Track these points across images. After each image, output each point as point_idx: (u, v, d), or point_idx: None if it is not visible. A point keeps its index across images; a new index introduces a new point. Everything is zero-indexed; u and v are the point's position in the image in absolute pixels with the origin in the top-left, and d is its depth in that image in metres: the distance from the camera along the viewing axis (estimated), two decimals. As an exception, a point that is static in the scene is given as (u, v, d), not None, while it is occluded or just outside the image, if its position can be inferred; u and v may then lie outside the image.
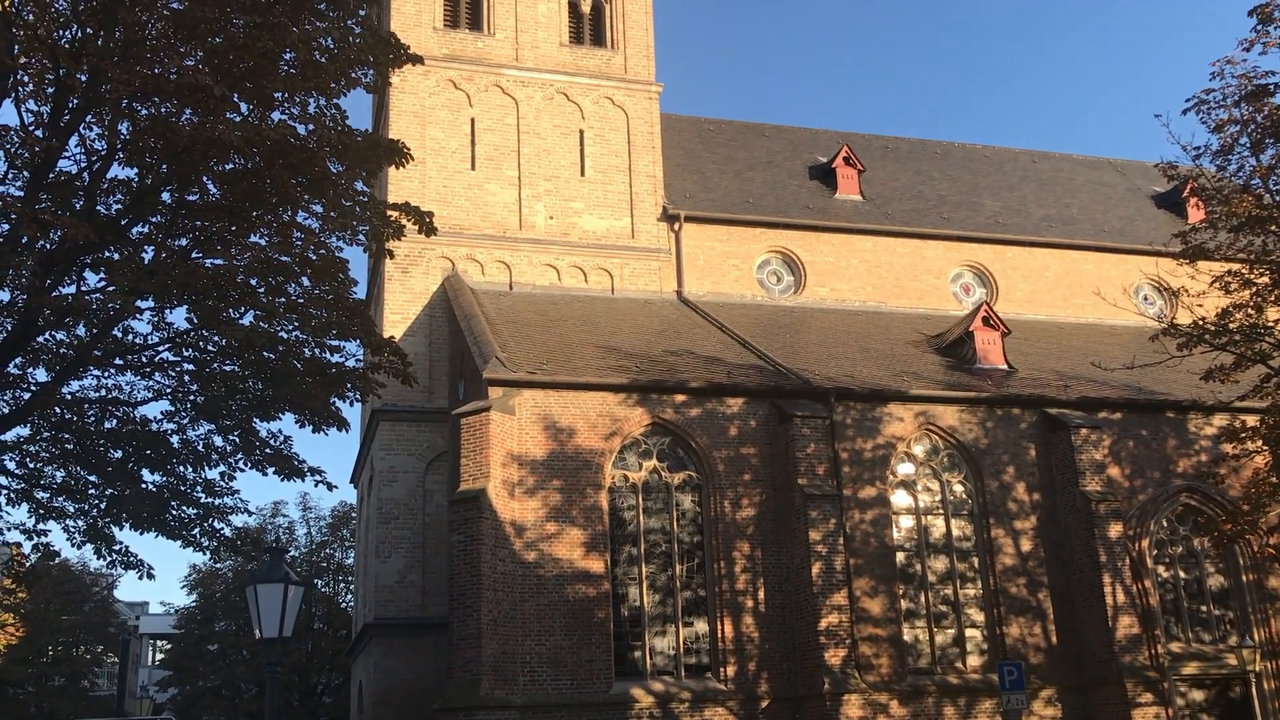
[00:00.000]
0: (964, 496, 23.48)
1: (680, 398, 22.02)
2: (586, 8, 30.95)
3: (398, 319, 26.42)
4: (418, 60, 16.38)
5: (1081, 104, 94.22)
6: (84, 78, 13.97)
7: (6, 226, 14.19)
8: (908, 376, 24.28)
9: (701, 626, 21.31)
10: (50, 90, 14.54)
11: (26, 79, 14.58)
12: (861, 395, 22.88)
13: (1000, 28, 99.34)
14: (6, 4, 13.26)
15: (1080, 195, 35.37)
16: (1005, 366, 25.76)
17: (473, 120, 28.78)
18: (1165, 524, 24.46)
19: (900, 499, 23.09)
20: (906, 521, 23.04)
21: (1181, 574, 24.33)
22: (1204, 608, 24.21)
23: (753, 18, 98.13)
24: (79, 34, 14.13)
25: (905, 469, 23.30)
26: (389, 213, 16.53)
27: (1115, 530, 22.62)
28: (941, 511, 23.31)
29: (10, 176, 14.80)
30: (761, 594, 21.41)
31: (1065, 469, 23.34)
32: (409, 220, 16.40)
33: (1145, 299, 32.27)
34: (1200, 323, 20.03)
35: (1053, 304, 31.71)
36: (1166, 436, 24.79)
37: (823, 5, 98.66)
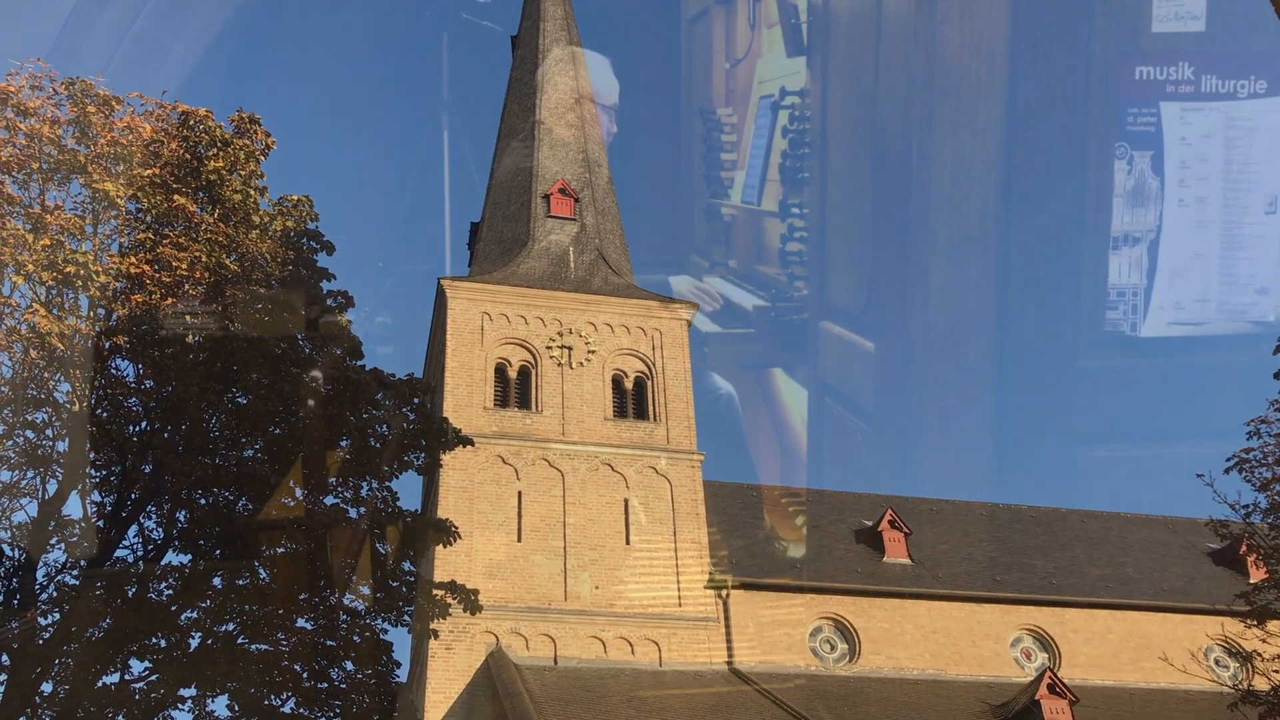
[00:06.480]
0: None
1: (734, 780, 20.84)
2: (629, 385, 32.27)
3: (440, 699, 25.67)
4: (469, 443, 16.96)
5: (1119, 463, 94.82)
6: (148, 469, 14.52)
7: (58, 616, 14.26)
8: (975, 752, 22.93)
9: None
10: (114, 481, 15.06)
11: (93, 472, 15.14)
12: (927, 774, 21.55)
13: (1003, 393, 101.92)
14: (85, 403, 14.05)
15: (1134, 553, 34.72)
16: (1078, 738, 24.31)
17: (519, 494, 29.29)
18: None
19: None
20: None
21: None
22: None
23: (784, 388, 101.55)
24: (148, 429, 14.83)
25: None
26: (435, 592, 16.52)
27: None
28: None
29: (68, 565, 15.04)
30: None
31: None
32: (454, 599, 16.36)
33: (1217, 662, 30.84)
34: (1280, 689, 18.96)
35: (1119, 668, 30.33)
36: (1266, 816, 22.81)
37: (846, 380, 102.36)
